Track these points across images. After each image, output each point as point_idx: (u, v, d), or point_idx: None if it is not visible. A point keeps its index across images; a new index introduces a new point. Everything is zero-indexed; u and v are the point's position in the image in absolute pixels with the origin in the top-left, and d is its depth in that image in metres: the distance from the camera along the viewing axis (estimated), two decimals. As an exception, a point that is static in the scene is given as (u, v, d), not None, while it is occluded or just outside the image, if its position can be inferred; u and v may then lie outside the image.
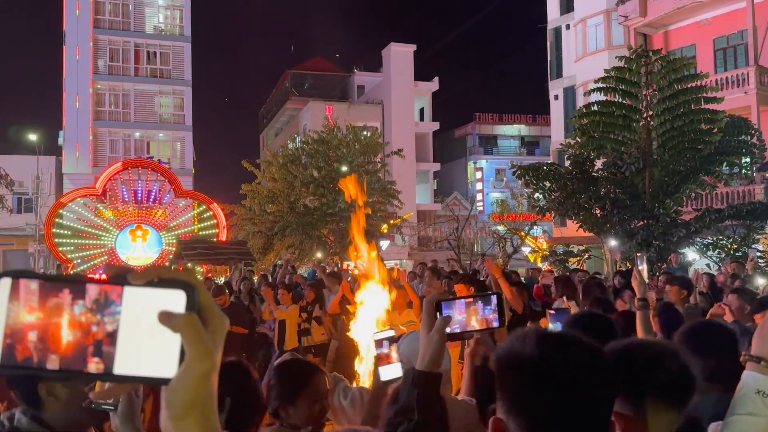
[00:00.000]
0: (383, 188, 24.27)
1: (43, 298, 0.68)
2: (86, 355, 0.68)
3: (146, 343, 0.68)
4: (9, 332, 0.67)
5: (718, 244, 16.01)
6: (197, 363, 0.68)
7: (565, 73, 31.84)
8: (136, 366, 0.68)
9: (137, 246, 21.76)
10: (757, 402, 1.17)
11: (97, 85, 34.63)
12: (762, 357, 1.20)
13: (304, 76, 44.69)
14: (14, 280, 0.68)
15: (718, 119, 15.01)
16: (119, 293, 0.68)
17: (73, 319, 0.68)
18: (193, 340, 0.68)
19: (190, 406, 0.70)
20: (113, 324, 0.68)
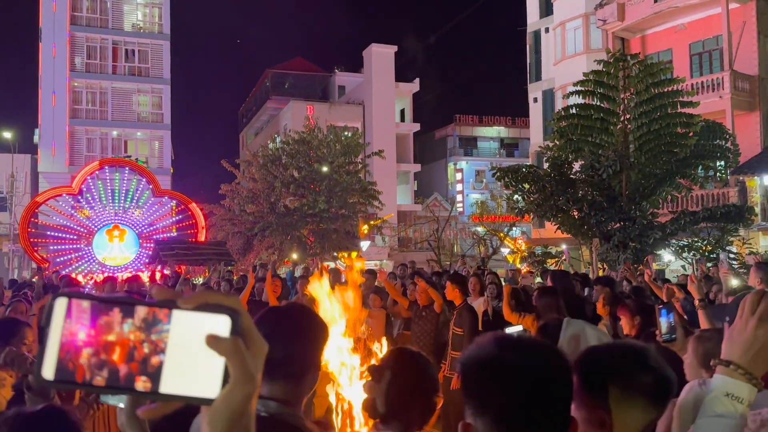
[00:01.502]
0: (364, 189, 24.27)
1: (94, 317, 0.71)
2: (134, 372, 0.71)
3: (191, 364, 0.72)
4: (63, 348, 0.71)
5: (693, 246, 16.28)
6: (241, 385, 0.72)
7: (544, 76, 32.13)
8: (181, 386, 0.72)
9: (114, 246, 21.53)
10: (726, 404, 1.21)
11: (74, 83, 34.15)
12: (731, 361, 1.23)
13: (284, 76, 44.53)
14: (69, 299, 0.72)
15: (694, 123, 15.28)
16: (166, 314, 0.72)
17: (122, 337, 0.71)
18: (238, 363, 0.72)
19: (231, 426, 0.73)
20: (161, 344, 0.72)
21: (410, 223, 33.87)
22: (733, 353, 1.25)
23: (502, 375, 1.20)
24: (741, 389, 1.21)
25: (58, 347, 0.71)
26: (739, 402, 1.21)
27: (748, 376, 1.22)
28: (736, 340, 1.25)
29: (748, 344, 1.23)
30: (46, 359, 0.71)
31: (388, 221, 27.88)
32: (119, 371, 0.71)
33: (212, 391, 0.72)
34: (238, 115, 55.12)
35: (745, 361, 1.23)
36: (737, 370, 1.22)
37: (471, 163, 47.05)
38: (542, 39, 32.46)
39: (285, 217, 22.71)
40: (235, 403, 0.73)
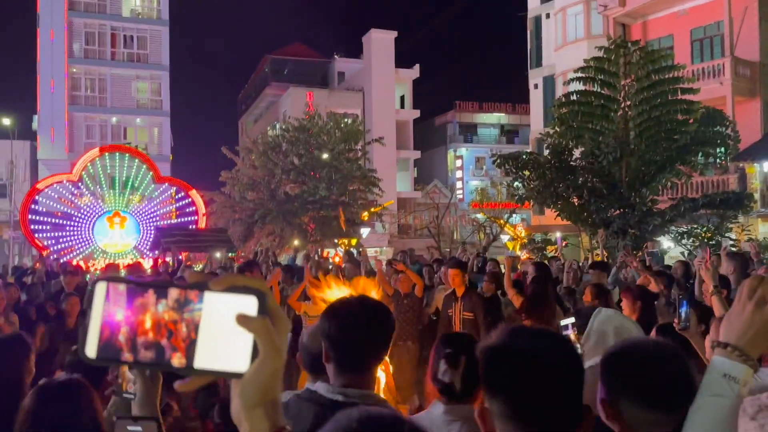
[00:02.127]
0: (363, 176, 24.28)
1: (131, 299, 0.77)
2: (170, 349, 0.77)
3: (222, 341, 0.78)
4: (104, 329, 0.77)
5: (693, 233, 16.33)
6: (270, 360, 0.79)
7: (545, 62, 32.01)
8: (213, 361, 0.78)
9: (115, 233, 21.55)
10: (724, 384, 1.25)
11: (73, 69, 34.04)
12: (728, 343, 1.28)
13: (283, 62, 44.33)
14: (108, 283, 0.78)
15: (694, 110, 15.25)
16: (198, 295, 0.78)
17: (157, 317, 0.77)
18: (266, 340, 0.78)
19: (261, 398, 0.81)
20: (193, 323, 0.77)
21: (410, 210, 33.89)
22: (730, 336, 1.29)
23: (511, 359, 1.31)
24: (738, 370, 1.25)
25: (100, 328, 0.77)
26: (736, 382, 1.25)
27: (744, 357, 1.26)
28: (734, 323, 1.30)
29: (745, 327, 1.27)
30: (88, 339, 0.77)
31: (388, 208, 27.91)
32: (156, 348, 0.77)
33: (242, 366, 0.78)
34: (237, 102, 54.96)
35: (742, 343, 1.27)
36: (734, 352, 1.27)
37: (471, 150, 46.99)
38: (543, 25, 32.31)
39: (285, 204, 22.74)
40: (264, 377, 0.79)
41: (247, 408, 0.81)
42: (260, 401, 0.81)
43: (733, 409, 1.24)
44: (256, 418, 0.82)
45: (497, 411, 1.29)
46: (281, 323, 0.81)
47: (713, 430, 1.24)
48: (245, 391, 0.80)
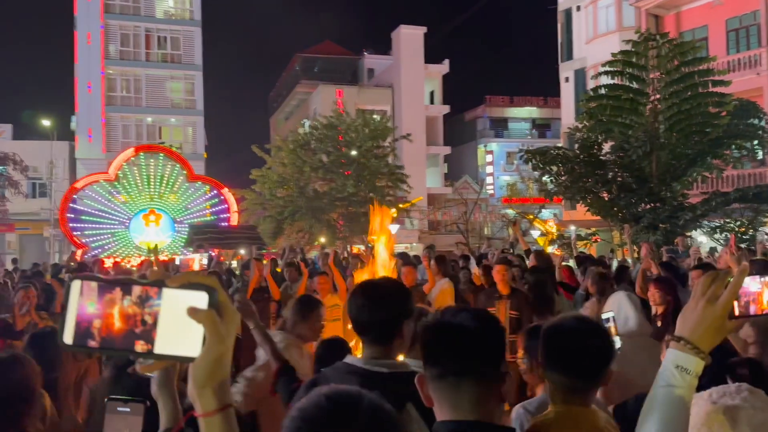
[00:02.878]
0: (391, 172, 24.37)
1: (101, 295, 0.91)
2: (134, 337, 0.90)
3: (178, 330, 0.91)
4: (78, 320, 0.90)
5: (726, 227, 16.03)
6: (215, 347, 0.93)
7: (576, 55, 31.62)
8: (170, 347, 0.91)
9: (150, 230, 22.06)
10: (676, 375, 1.34)
11: (109, 71, 34.85)
12: (682, 337, 1.36)
13: (313, 60, 44.66)
14: (82, 281, 0.91)
15: (726, 102, 14.96)
16: (157, 292, 0.91)
17: (123, 310, 0.90)
18: (211, 329, 0.92)
19: (208, 379, 0.95)
20: (154, 315, 0.91)
21: (438, 206, 33.86)
22: (684, 330, 1.37)
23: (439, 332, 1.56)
24: (690, 362, 1.34)
25: (75, 319, 0.90)
26: (688, 373, 1.34)
27: (696, 350, 1.34)
28: (687, 319, 1.38)
29: (697, 322, 1.36)
30: (65, 328, 0.90)
31: (417, 204, 27.95)
32: (123, 337, 0.90)
33: (194, 352, 0.93)
34: (269, 100, 55.52)
35: (694, 337, 1.35)
36: (687, 345, 1.35)
37: (502, 145, 46.64)
38: (573, 17, 31.88)
39: (314, 201, 22.98)
40: (210, 361, 0.94)
41: (197, 387, 0.96)
42: (208, 382, 0.95)
43: (684, 399, 1.33)
44: (205, 396, 0.96)
45: (429, 376, 1.53)
46: (228, 315, 0.95)
47: (666, 417, 1.33)
48: (195, 373, 0.95)
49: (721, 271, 1.41)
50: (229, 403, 0.98)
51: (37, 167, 29.90)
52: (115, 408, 1.07)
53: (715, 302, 1.36)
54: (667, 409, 1.33)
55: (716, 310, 1.35)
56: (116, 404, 1.10)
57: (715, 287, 1.36)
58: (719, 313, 1.35)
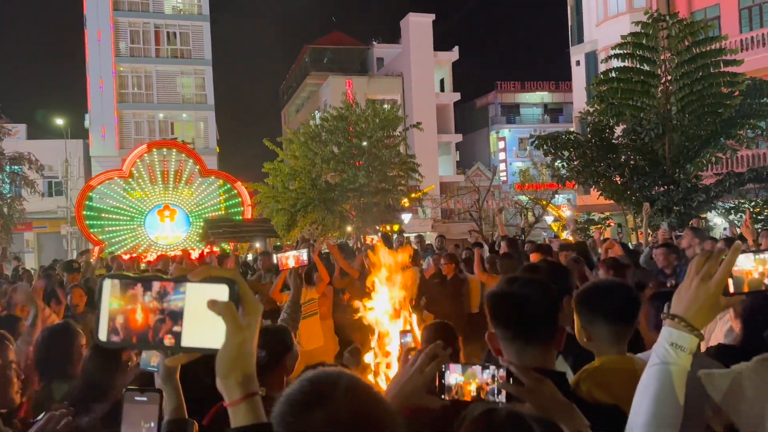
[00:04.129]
0: (403, 162, 24.35)
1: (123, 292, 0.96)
2: (162, 332, 0.94)
3: (203, 323, 0.94)
4: (111, 317, 0.95)
5: (740, 208, 15.88)
6: (233, 338, 0.96)
7: (587, 38, 31.29)
8: (196, 340, 0.95)
9: (165, 226, 22.26)
10: (671, 352, 1.37)
11: (120, 68, 35.06)
12: (676, 315, 1.40)
13: (323, 51, 44.58)
14: (111, 279, 0.96)
15: (739, 82, 14.78)
16: (181, 286, 0.95)
17: (146, 306, 0.94)
18: (229, 321, 0.95)
19: (230, 368, 0.98)
20: (179, 309, 0.94)
21: (451, 194, 33.79)
22: (678, 308, 1.41)
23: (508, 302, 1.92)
24: (684, 340, 1.37)
25: (108, 317, 0.95)
26: (682, 350, 1.37)
27: (690, 328, 1.38)
28: (682, 297, 1.41)
29: (691, 300, 1.39)
30: (100, 326, 0.95)
31: (429, 193, 27.92)
32: (151, 332, 0.94)
33: (218, 343, 0.97)
34: (279, 93, 55.56)
35: (689, 315, 1.39)
36: (681, 323, 1.39)
37: (514, 131, 46.37)
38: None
39: (326, 192, 23.03)
40: (230, 351, 0.97)
41: (221, 378, 1.00)
42: (231, 372, 0.99)
43: (679, 375, 1.37)
44: (230, 386, 0.99)
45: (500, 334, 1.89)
46: (249, 305, 1.00)
47: (662, 393, 1.36)
48: (219, 364, 0.99)
49: (715, 250, 1.45)
50: (254, 392, 1.01)
51: (52, 166, 30.19)
52: (133, 398, 1.13)
53: (709, 280, 1.39)
54: (662, 386, 1.36)
55: (710, 288, 1.38)
56: (133, 394, 1.16)
57: (709, 265, 1.40)
58: (713, 291, 1.38)
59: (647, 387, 1.39)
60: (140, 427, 1.11)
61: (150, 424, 1.10)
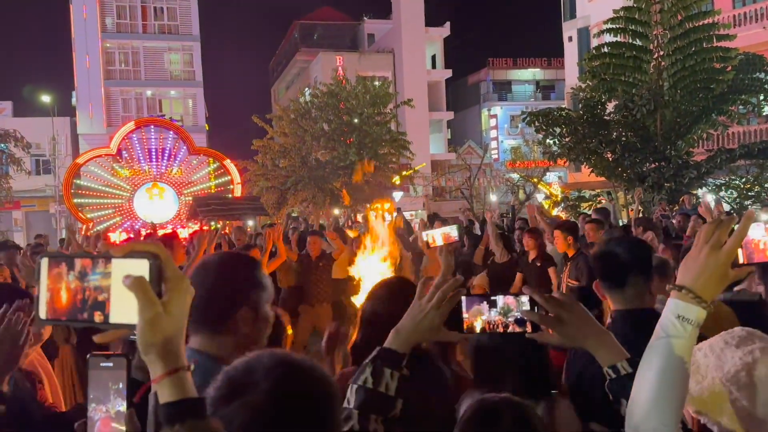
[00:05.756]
0: (394, 139, 24.20)
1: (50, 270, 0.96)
2: (92, 309, 0.94)
3: (129, 299, 0.93)
4: (49, 295, 0.96)
5: (731, 184, 15.90)
6: (143, 312, 0.93)
7: (579, 13, 31.05)
8: (123, 316, 0.94)
9: (154, 203, 22.09)
10: (677, 325, 1.29)
11: (106, 44, 34.52)
12: (683, 285, 1.31)
13: (312, 27, 44.06)
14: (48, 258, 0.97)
15: (731, 57, 14.69)
16: (107, 262, 0.95)
17: (68, 284, 0.95)
18: (139, 295, 0.93)
19: (146, 345, 0.95)
20: (106, 286, 0.94)
21: (442, 172, 33.72)
22: (686, 279, 1.32)
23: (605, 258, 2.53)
24: (691, 312, 1.29)
25: (48, 295, 0.95)
26: (689, 323, 1.29)
27: (698, 299, 1.29)
28: (689, 267, 1.33)
29: (700, 270, 1.31)
30: (40, 305, 0.96)
31: (421, 171, 27.83)
32: (82, 309, 0.94)
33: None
34: (269, 70, 55.03)
35: (697, 286, 1.30)
36: (689, 294, 1.30)
37: (505, 108, 46.17)
38: (576, -26, 31.27)
39: (317, 170, 22.90)
40: (144, 325, 0.93)
41: (142, 353, 0.96)
42: (147, 348, 0.95)
43: (685, 349, 1.29)
44: (150, 362, 0.97)
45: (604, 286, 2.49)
46: (172, 281, 0.96)
47: (667, 367, 1.28)
48: (137, 340, 0.95)
49: (726, 218, 1.36)
50: (178, 367, 0.97)
51: (39, 144, 29.83)
52: (98, 363, 1.09)
53: (719, 249, 1.30)
54: (667, 360, 1.29)
55: (720, 258, 1.30)
56: (98, 360, 1.11)
57: (719, 233, 1.31)
58: (723, 261, 1.30)
59: (651, 362, 1.31)
60: (108, 389, 1.08)
61: (119, 385, 1.08)
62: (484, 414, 1.48)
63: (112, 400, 1.07)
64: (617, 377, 1.47)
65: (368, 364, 1.50)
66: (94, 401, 1.07)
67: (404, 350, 1.53)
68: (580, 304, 1.53)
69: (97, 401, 1.07)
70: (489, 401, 1.51)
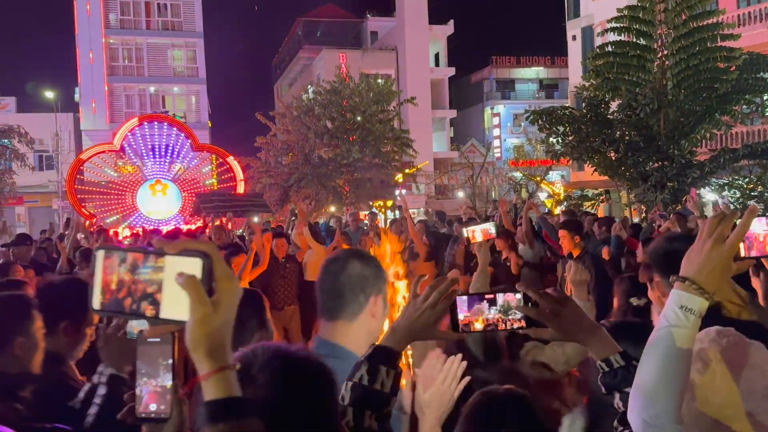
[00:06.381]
0: (397, 137, 24.20)
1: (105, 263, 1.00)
2: (144, 302, 0.98)
3: (180, 296, 0.97)
4: (103, 286, 0.99)
5: (734, 184, 15.89)
6: (194, 311, 0.96)
7: (583, 12, 31.03)
8: (174, 312, 0.98)
9: (157, 200, 22.12)
10: (680, 315, 1.34)
11: (110, 40, 34.58)
12: (687, 277, 1.36)
13: (316, 24, 44.07)
14: (105, 251, 1.01)
15: (736, 57, 14.66)
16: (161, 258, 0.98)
17: (132, 278, 0.99)
18: (191, 293, 0.96)
19: (195, 342, 0.97)
20: (158, 281, 0.98)
21: (445, 170, 33.72)
22: (689, 270, 1.37)
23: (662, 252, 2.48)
24: (694, 302, 1.34)
25: (101, 286, 0.99)
26: (692, 314, 1.33)
27: (701, 290, 1.34)
28: (693, 259, 1.37)
29: (703, 262, 1.35)
30: (94, 294, 0.99)
31: (423, 169, 27.84)
32: (132, 301, 0.98)
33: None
34: (272, 67, 55.05)
35: (700, 277, 1.35)
36: (692, 286, 1.34)
37: (508, 107, 46.14)
38: (580, -28, 31.22)
39: (320, 167, 22.91)
40: (194, 323, 0.96)
41: (191, 351, 0.98)
42: (196, 345, 0.97)
43: (688, 339, 1.33)
44: (197, 359, 0.99)
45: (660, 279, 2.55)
46: (222, 280, 0.99)
47: (669, 357, 1.33)
48: (187, 337, 0.98)
49: (729, 212, 1.40)
50: (224, 366, 0.99)
51: (42, 140, 29.92)
52: (146, 339, 1.14)
53: (722, 243, 1.35)
54: (669, 350, 1.33)
55: (723, 251, 1.35)
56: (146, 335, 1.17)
57: (723, 227, 1.36)
58: (726, 254, 1.35)
59: (654, 350, 1.35)
60: (158, 364, 1.12)
61: (168, 361, 1.12)
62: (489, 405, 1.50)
63: (161, 374, 1.11)
64: (610, 370, 1.52)
65: (364, 362, 1.53)
66: (144, 375, 1.11)
67: (399, 348, 1.57)
68: (573, 299, 1.57)
69: (147, 375, 1.11)
70: (493, 393, 1.53)
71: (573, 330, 1.55)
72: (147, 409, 1.10)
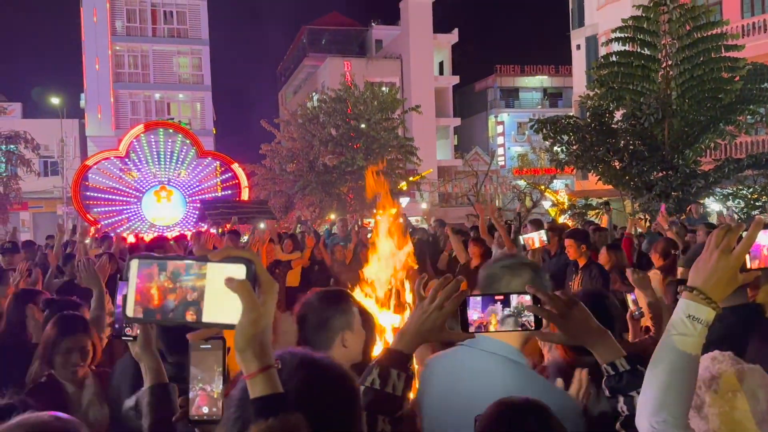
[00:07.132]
0: (401, 145, 24.25)
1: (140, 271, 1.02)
2: (184, 308, 1.00)
3: (222, 300, 1.00)
4: (138, 294, 1.01)
5: (738, 194, 15.89)
6: (248, 313, 1.01)
7: (587, 21, 31.10)
8: (216, 316, 1.01)
9: (162, 206, 22.16)
10: (687, 324, 1.37)
11: (116, 47, 34.75)
12: (695, 287, 1.40)
13: (320, 32, 44.24)
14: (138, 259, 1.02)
15: (740, 67, 14.71)
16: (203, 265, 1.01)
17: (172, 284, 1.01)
18: (244, 297, 1.01)
19: (246, 343, 1.03)
20: (200, 287, 1.00)
21: (449, 179, 33.74)
22: (697, 280, 1.41)
23: None
24: (701, 312, 1.37)
25: (135, 294, 1.01)
26: (699, 323, 1.37)
27: (708, 300, 1.38)
28: (700, 270, 1.41)
29: (710, 273, 1.39)
30: (128, 303, 1.01)
31: (427, 177, 27.86)
32: (173, 308, 1.00)
33: (235, 319, 1.02)
34: (277, 74, 55.23)
35: (707, 287, 1.39)
36: (699, 295, 1.38)
37: (512, 115, 46.22)
38: (584, -18, 31.31)
39: (324, 175, 22.95)
40: (246, 325, 1.02)
41: (239, 351, 1.04)
42: (247, 346, 1.03)
43: (695, 346, 1.37)
44: (245, 359, 1.04)
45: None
46: (265, 284, 1.04)
47: (676, 365, 1.36)
48: (236, 339, 1.03)
49: (735, 224, 1.44)
50: (269, 365, 1.05)
51: (47, 145, 29.99)
52: (198, 346, 1.19)
53: (729, 254, 1.39)
54: (677, 357, 1.36)
55: (730, 262, 1.38)
56: (199, 342, 1.21)
57: (729, 239, 1.39)
58: (732, 265, 1.38)
59: (662, 358, 1.38)
60: (213, 371, 1.20)
61: (220, 369, 1.20)
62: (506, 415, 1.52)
63: (215, 380, 1.16)
64: (616, 374, 1.55)
65: (375, 366, 1.56)
66: (199, 381, 1.15)
67: (410, 351, 1.59)
68: (581, 303, 1.59)
69: (202, 381, 1.15)
70: (510, 402, 1.55)
71: (580, 333, 1.58)
72: (199, 411, 1.15)
